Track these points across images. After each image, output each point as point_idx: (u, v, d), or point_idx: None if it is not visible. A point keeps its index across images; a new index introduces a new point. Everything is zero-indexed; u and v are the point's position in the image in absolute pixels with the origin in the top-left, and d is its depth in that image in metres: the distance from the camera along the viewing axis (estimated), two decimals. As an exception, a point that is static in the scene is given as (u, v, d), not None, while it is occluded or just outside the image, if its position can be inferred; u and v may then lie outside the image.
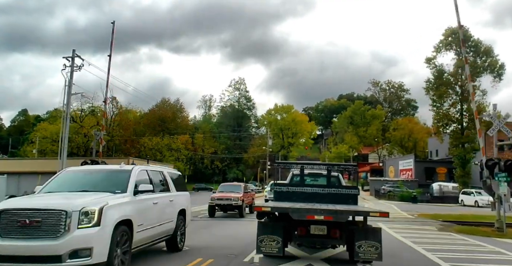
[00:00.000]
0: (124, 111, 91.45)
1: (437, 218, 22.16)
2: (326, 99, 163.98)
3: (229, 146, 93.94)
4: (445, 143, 63.09)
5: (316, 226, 8.65)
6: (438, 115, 47.33)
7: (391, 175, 65.75)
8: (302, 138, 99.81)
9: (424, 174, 56.36)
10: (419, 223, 20.32)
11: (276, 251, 8.69)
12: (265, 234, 8.78)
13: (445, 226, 19.05)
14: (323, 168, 12.43)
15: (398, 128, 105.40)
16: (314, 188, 11.22)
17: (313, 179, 12.61)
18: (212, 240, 12.97)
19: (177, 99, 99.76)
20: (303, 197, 10.85)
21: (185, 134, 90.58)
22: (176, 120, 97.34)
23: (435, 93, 46.81)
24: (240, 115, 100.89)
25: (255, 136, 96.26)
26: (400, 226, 18.51)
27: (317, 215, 8.32)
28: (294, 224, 8.87)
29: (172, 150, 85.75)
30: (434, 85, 47.40)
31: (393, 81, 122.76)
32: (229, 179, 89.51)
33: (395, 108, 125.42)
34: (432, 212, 27.16)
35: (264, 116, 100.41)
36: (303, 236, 8.93)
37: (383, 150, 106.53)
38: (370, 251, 8.38)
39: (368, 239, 8.48)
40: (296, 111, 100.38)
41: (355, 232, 8.66)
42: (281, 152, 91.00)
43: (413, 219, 22.61)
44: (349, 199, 10.89)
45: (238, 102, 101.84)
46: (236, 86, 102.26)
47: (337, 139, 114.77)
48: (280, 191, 11.27)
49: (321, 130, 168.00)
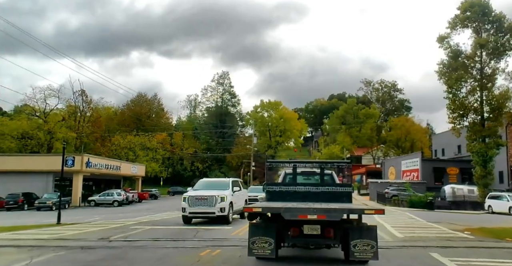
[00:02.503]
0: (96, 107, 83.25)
1: (505, 236, 14.03)
2: (316, 99, 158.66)
3: (211, 146, 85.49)
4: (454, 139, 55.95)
5: (310, 225, 8.38)
6: (453, 105, 39.57)
7: (392, 177, 57.86)
8: (291, 136, 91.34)
9: (432, 175, 48.54)
10: (497, 249, 11.64)
11: (269, 253, 8.50)
12: (256, 235, 8.56)
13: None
14: (316, 166, 12.22)
15: (394, 127, 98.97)
16: (308, 186, 10.84)
17: (306, 178, 12.18)
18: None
19: (155, 94, 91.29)
20: (296, 196, 10.48)
21: (162, 132, 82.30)
22: (153, 117, 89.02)
23: (450, 78, 39.10)
24: (224, 112, 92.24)
25: (240, 135, 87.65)
26: (477, 260, 10.05)
27: (310, 214, 7.97)
28: (286, 225, 8.54)
29: (147, 149, 77.31)
30: (448, 69, 39.70)
31: (386, 81, 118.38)
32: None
33: (388, 109, 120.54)
34: (471, 223, 19.27)
35: (249, 113, 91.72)
36: (296, 236, 8.57)
37: (378, 151, 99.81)
38: (365, 250, 8.12)
39: (364, 237, 8.18)
40: (284, 108, 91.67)
41: (350, 231, 8.34)
42: (268, 152, 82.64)
43: (475, 239, 13.59)
44: (343, 197, 10.45)
45: (222, 98, 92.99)
46: (219, 81, 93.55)
47: (328, 139, 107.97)
48: (273, 190, 10.89)
49: (311, 133, 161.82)
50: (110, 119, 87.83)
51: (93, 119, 79.72)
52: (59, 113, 75.81)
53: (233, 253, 10.36)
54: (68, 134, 72.95)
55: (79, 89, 74.27)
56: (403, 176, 54.50)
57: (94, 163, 45.44)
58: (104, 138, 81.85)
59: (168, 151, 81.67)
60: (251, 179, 68.74)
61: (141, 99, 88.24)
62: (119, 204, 42.96)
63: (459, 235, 14.64)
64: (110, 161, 51.68)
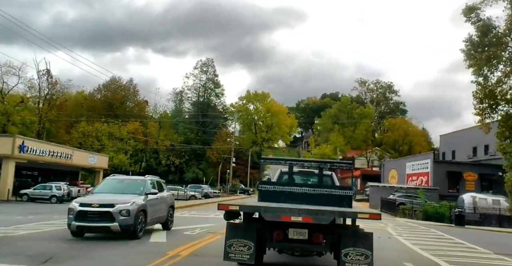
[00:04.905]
0: (64, 90, 74.28)
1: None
2: (308, 97, 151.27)
3: (189, 139, 76.57)
4: (467, 140, 48.23)
5: (296, 229, 7.49)
6: (482, 92, 31.56)
7: (393, 181, 49.73)
8: (279, 133, 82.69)
9: (446, 181, 40.41)
10: None
11: (247, 258, 7.47)
12: (235, 237, 7.57)
13: None
14: (314, 166, 11.35)
15: (391, 129, 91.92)
16: (304, 187, 9.58)
17: (303, 178, 11.39)
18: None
19: (130, 79, 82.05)
20: (292, 197, 9.22)
21: (135, 121, 73.32)
22: (127, 105, 79.88)
23: (479, 58, 31.11)
24: (206, 102, 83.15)
25: (222, 129, 78.80)
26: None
27: (294, 215, 7.11)
28: (270, 227, 7.61)
29: (116, 139, 68.41)
30: (478, 48, 31.70)
31: (382, 81, 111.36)
32: (187, 178, 72.63)
33: (383, 111, 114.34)
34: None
35: (233, 105, 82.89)
36: (280, 241, 7.67)
37: (372, 153, 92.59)
38: (359, 260, 7.13)
39: (357, 246, 7.21)
40: (273, 100, 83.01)
41: (342, 238, 7.36)
42: (252, 149, 74.05)
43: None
44: (343, 200, 9.09)
45: (204, 87, 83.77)
46: (203, 68, 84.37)
47: (319, 139, 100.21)
48: (266, 190, 9.61)
49: (301, 133, 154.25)
50: (79, 105, 78.76)
51: (58, 103, 71.08)
52: (18, 95, 67.18)
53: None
54: (27, 118, 64.43)
55: (44, 69, 65.17)
56: (408, 180, 46.41)
57: (31, 148, 36.56)
58: (72, 125, 73.07)
59: (140, 142, 72.70)
60: (231, 176, 60.13)
61: (115, 84, 78.99)
62: (58, 200, 34.23)
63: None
64: (56, 147, 42.77)
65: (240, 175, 71.41)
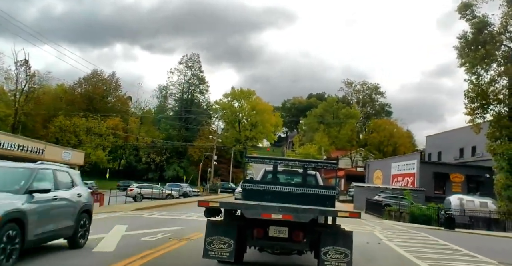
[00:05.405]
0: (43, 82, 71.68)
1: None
2: (294, 97, 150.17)
3: (171, 136, 74.47)
4: (454, 141, 47.33)
5: (276, 227, 7.38)
6: (474, 91, 30.47)
7: (378, 182, 48.58)
8: (264, 131, 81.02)
9: (432, 182, 39.30)
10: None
11: (227, 256, 7.29)
12: (215, 235, 7.38)
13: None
14: (298, 166, 11.34)
15: (377, 130, 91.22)
16: (288, 187, 9.58)
17: (287, 177, 11.37)
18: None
19: (113, 73, 79.60)
20: (275, 196, 9.19)
21: (116, 116, 71.03)
22: (108, 99, 77.41)
23: (473, 56, 30.02)
24: (189, 98, 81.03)
25: (205, 126, 76.80)
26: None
27: (275, 213, 6.97)
28: (251, 225, 7.49)
29: (95, 135, 66.10)
30: (472, 45, 30.61)
31: (368, 82, 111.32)
32: (168, 177, 70.59)
33: (368, 112, 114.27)
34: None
35: (217, 101, 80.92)
36: (260, 238, 7.55)
37: (357, 154, 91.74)
38: (338, 259, 7.06)
39: (337, 244, 7.15)
40: (258, 98, 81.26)
41: (322, 236, 7.31)
42: (236, 147, 72.33)
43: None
44: (326, 200, 9.20)
45: (189, 83, 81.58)
46: (188, 64, 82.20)
47: (304, 139, 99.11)
48: (250, 189, 9.64)
49: (286, 133, 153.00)
50: (58, 99, 75.94)
51: (36, 96, 68.41)
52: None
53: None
54: (1, 110, 61.83)
55: (23, 60, 62.47)
56: (393, 181, 45.29)
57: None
58: (49, 119, 70.43)
59: (120, 138, 70.44)
60: (212, 175, 58.38)
61: (96, 77, 76.40)
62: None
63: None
64: (26, 141, 40.19)
65: (222, 174, 69.64)
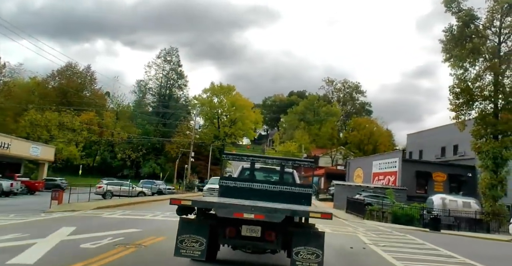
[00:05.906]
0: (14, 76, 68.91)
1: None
2: (275, 95, 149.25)
3: (148, 131, 72.26)
4: (436, 140, 46.65)
5: (249, 226, 7.38)
6: (459, 86, 29.56)
7: (358, 180, 47.60)
8: (243, 128, 79.43)
9: (414, 181, 38.44)
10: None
11: (199, 254, 7.30)
12: (187, 233, 7.39)
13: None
14: (276, 163, 10.89)
15: (358, 128, 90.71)
16: (265, 184, 9.70)
17: (265, 175, 11.18)
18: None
19: (88, 66, 76.96)
20: (252, 194, 9.32)
21: (90, 111, 68.54)
22: (84, 94, 74.65)
23: (460, 50, 29.10)
24: (168, 93, 78.88)
25: (183, 122, 74.77)
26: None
27: (247, 213, 6.94)
28: (224, 223, 7.48)
29: (68, 130, 63.59)
30: (458, 39, 29.67)
31: (349, 81, 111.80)
32: (144, 173, 68.42)
33: (349, 111, 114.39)
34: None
35: (196, 97, 78.88)
36: (233, 237, 7.57)
37: (337, 152, 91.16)
38: (309, 259, 7.10)
39: (309, 245, 7.19)
40: (238, 94, 79.56)
41: (294, 236, 7.34)
42: (214, 144, 70.54)
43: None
44: (302, 198, 9.40)
45: (167, 77, 79.43)
46: (166, 58, 79.92)
47: (284, 136, 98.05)
48: (226, 186, 9.72)
49: (266, 131, 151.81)
50: (30, 92, 72.95)
51: (6, 88, 65.50)
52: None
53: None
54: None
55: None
56: (374, 179, 44.37)
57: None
58: (21, 113, 67.52)
59: (95, 133, 67.97)
60: (189, 172, 56.55)
61: (70, 70, 73.62)
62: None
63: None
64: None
65: (200, 171, 67.88)
